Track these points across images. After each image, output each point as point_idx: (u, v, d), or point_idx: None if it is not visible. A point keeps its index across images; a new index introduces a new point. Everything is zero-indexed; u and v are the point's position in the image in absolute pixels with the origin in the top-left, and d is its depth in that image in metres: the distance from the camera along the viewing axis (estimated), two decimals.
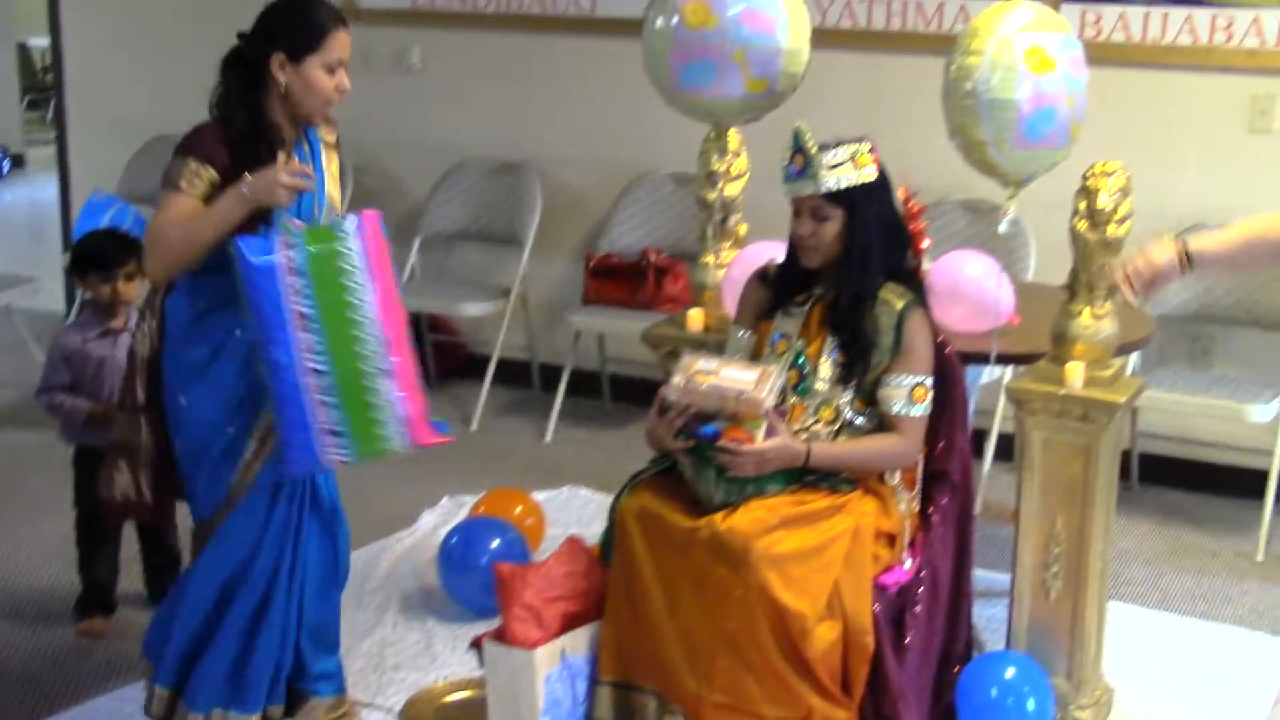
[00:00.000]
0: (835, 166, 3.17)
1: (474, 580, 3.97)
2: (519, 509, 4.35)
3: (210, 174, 3.04)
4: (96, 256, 3.93)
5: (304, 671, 3.33)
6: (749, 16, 3.63)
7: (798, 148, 3.19)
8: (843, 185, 3.17)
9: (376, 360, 3.05)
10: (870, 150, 3.21)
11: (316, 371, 3.00)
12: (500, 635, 3.17)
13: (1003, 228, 3.46)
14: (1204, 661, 3.92)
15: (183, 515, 3.47)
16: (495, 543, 4.01)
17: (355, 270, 3.03)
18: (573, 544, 3.31)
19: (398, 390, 3.08)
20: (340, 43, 3.13)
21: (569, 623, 3.19)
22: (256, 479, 3.16)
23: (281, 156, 3.07)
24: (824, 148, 3.18)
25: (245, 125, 3.08)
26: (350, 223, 3.05)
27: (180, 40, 6.59)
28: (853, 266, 3.21)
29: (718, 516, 3.05)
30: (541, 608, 3.15)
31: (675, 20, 3.67)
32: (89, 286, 3.95)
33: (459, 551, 4.04)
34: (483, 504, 4.37)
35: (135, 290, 3.90)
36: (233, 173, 3.02)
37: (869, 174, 3.20)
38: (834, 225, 3.20)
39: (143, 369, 3.22)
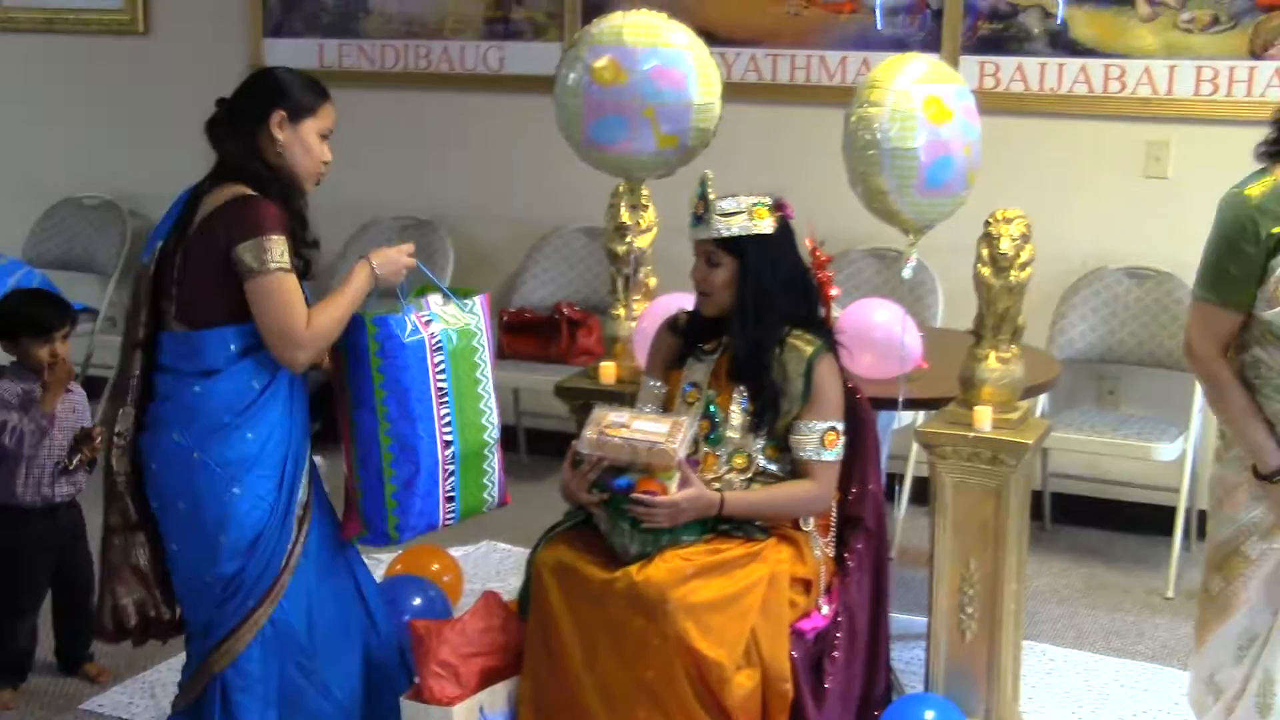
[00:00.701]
0: (729, 215, 3.23)
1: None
2: (436, 565, 4.33)
3: (282, 240, 3.00)
4: (32, 318, 3.82)
5: None
6: (659, 73, 3.64)
7: (701, 195, 3.26)
8: (734, 233, 3.22)
9: (493, 430, 3.27)
10: (772, 205, 3.26)
11: (447, 444, 3.16)
12: (418, 693, 3.14)
13: (906, 273, 3.51)
14: (1118, 698, 3.97)
15: None
16: (416, 600, 3.98)
17: (482, 348, 3.23)
18: (489, 599, 3.30)
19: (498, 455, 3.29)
20: (331, 114, 3.18)
21: (487, 678, 3.18)
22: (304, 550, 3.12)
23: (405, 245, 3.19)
24: (724, 197, 3.23)
25: (277, 191, 3.05)
26: (478, 302, 3.25)
27: (84, 103, 6.56)
28: (746, 315, 3.25)
29: (634, 568, 3.06)
30: (458, 664, 3.13)
31: (586, 77, 3.68)
32: (20, 349, 3.81)
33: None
34: (399, 561, 4.34)
35: (68, 350, 3.83)
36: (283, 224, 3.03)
37: (764, 226, 3.24)
38: (724, 272, 3.25)
39: (127, 482, 3.11)
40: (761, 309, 3.24)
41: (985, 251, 3.41)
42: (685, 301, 3.51)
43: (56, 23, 6.59)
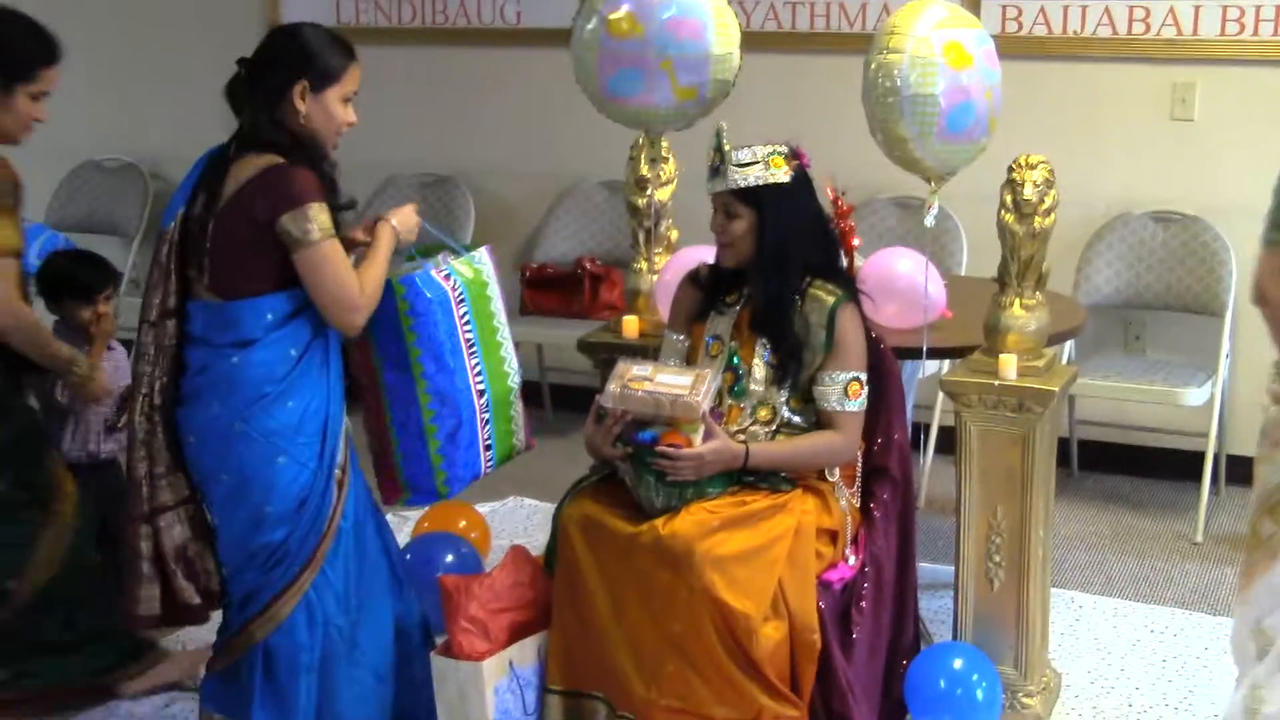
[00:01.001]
0: (745, 165, 3.20)
1: (429, 596, 3.95)
2: (463, 522, 4.34)
3: (326, 208, 3.00)
4: (76, 280, 3.84)
5: None
6: (675, 24, 3.60)
7: (716, 146, 3.24)
8: (751, 184, 3.20)
9: (515, 376, 3.35)
10: (787, 154, 3.23)
11: (480, 392, 3.23)
12: (447, 649, 3.16)
13: (928, 221, 3.48)
14: (1148, 644, 3.96)
15: None
16: (449, 557, 3.99)
17: (495, 296, 3.29)
18: (517, 554, 3.30)
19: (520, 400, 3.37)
20: (355, 76, 3.14)
21: (516, 633, 3.18)
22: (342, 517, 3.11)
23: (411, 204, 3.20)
24: (739, 148, 3.21)
25: (304, 157, 3.03)
26: (484, 253, 3.31)
27: (102, 65, 6.54)
28: (766, 266, 3.23)
29: (659, 521, 3.06)
30: (487, 619, 3.14)
31: (602, 29, 3.64)
32: (65, 311, 3.83)
33: (414, 568, 4.01)
34: (426, 518, 4.35)
35: (112, 311, 3.83)
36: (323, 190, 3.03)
37: (780, 175, 3.21)
38: (742, 223, 3.23)
39: (167, 460, 3.09)
40: (781, 258, 3.22)
41: (1008, 198, 3.38)
42: (707, 254, 3.49)
43: None
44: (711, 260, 3.41)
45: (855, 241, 3.77)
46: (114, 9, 6.50)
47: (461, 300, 3.18)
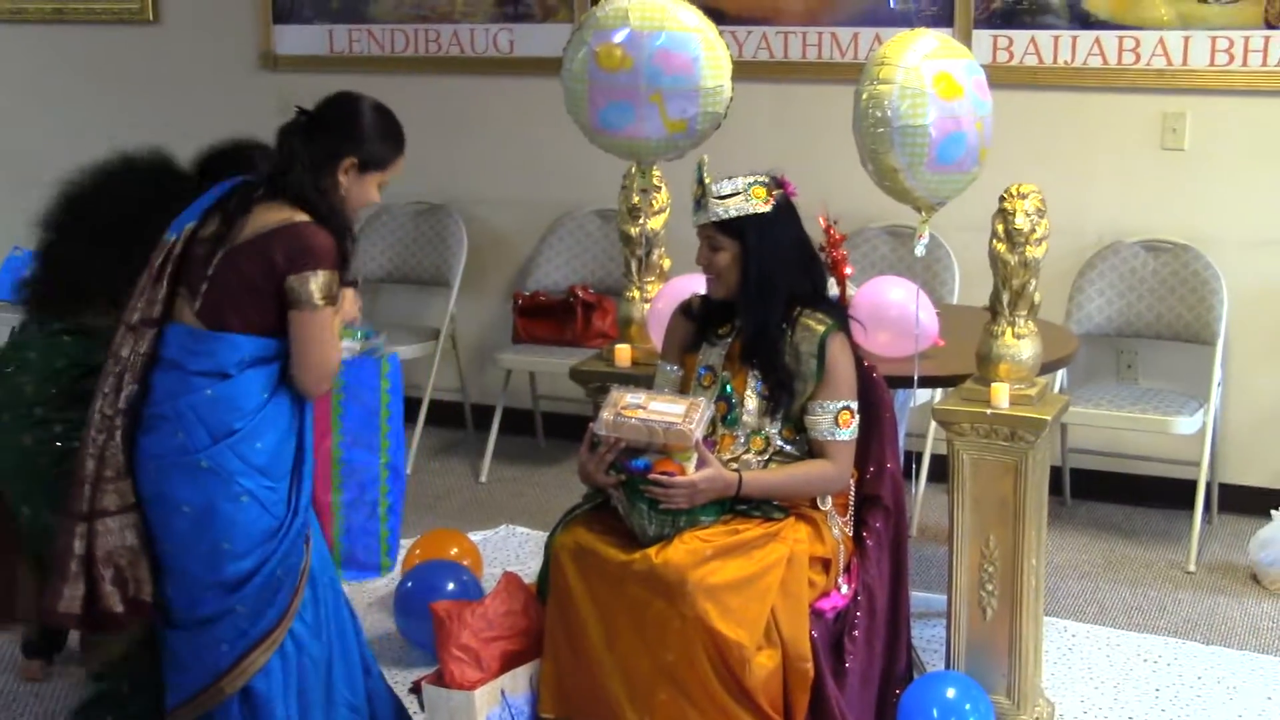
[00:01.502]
0: (726, 197, 3.22)
1: (427, 623, 3.94)
2: (455, 550, 4.33)
3: (336, 277, 3.02)
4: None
5: None
6: (665, 57, 3.59)
7: (699, 179, 3.26)
8: (731, 215, 3.21)
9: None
10: (769, 183, 3.24)
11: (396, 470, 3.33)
12: (439, 678, 3.14)
13: (919, 250, 3.49)
14: (1141, 674, 3.96)
15: None
16: (450, 585, 3.99)
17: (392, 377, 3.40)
18: (510, 581, 3.30)
19: None
20: (399, 166, 3.20)
21: (508, 662, 3.17)
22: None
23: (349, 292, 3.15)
24: (720, 179, 3.23)
25: (332, 226, 3.03)
26: (382, 336, 3.40)
27: (95, 93, 6.55)
28: (751, 296, 3.24)
29: (652, 550, 3.05)
30: (479, 648, 3.13)
31: (591, 61, 3.64)
32: None
33: (413, 595, 4.01)
34: (419, 546, 4.34)
35: None
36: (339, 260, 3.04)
37: (761, 206, 3.22)
38: (726, 255, 3.24)
39: (118, 464, 3.02)
40: (765, 288, 3.23)
41: (1000, 227, 3.39)
42: (699, 283, 3.49)
43: (66, 13, 6.58)
44: (703, 289, 3.42)
45: (847, 270, 3.78)
46: (107, 41, 6.50)
47: (389, 375, 3.30)
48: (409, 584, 4.05)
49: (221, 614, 3.00)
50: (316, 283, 2.95)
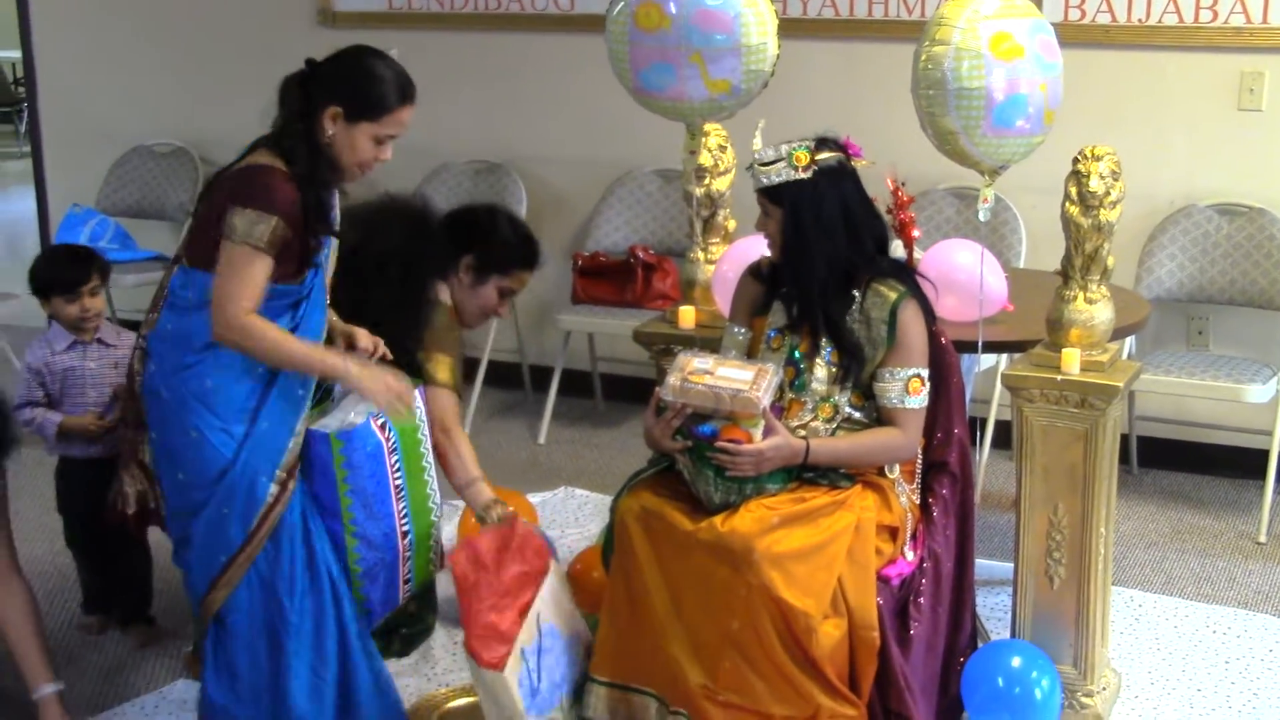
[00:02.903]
0: (768, 164, 3.17)
1: None
2: (510, 508, 4.30)
3: (284, 229, 2.98)
4: (57, 277, 3.83)
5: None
6: (703, 17, 3.53)
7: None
8: (774, 182, 3.17)
9: (438, 508, 3.35)
10: (815, 147, 3.17)
11: (404, 534, 3.25)
12: (470, 647, 3.13)
13: (982, 215, 3.43)
14: (1210, 645, 3.89)
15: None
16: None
17: (425, 437, 3.30)
18: (518, 531, 3.28)
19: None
20: (399, 120, 3.11)
21: (522, 613, 3.17)
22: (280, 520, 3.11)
23: (403, 385, 3.12)
24: (769, 145, 3.19)
25: (305, 170, 3.02)
26: (416, 393, 3.26)
27: (153, 50, 6.56)
28: (788, 262, 3.21)
29: (718, 518, 3.03)
30: (498, 620, 3.11)
31: (630, 22, 3.59)
32: (53, 308, 3.84)
33: None
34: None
35: (101, 304, 3.86)
36: (296, 221, 3.00)
37: (802, 173, 3.16)
38: (773, 223, 3.21)
39: (135, 386, 3.17)
40: (800, 255, 3.18)
41: (1074, 190, 3.31)
42: (763, 246, 3.44)
43: None
44: (769, 251, 3.37)
45: (915, 233, 3.72)
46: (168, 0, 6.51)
47: (394, 449, 3.20)
48: None
49: (186, 539, 3.13)
50: (244, 218, 2.94)
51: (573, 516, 4.75)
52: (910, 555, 3.25)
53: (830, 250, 3.18)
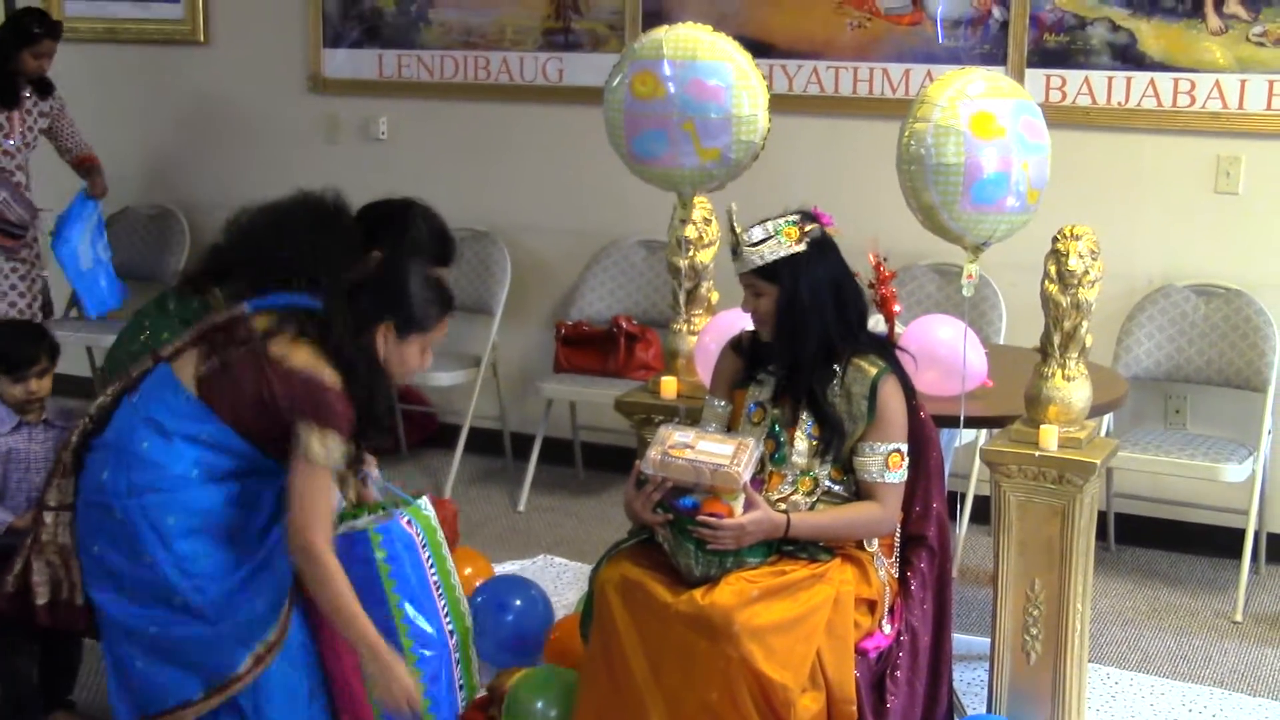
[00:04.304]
0: (758, 244, 3.19)
1: (492, 637, 3.98)
2: (468, 570, 4.30)
3: (344, 446, 2.97)
4: (4, 355, 3.63)
5: None
6: (697, 86, 3.61)
7: (730, 228, 3.24)
8: (768, 260, 3.18)
9: (467, 615, 3.26)
10: (799, 220, 3.21)
11: (450, 633, 3.18)
12: None
13: (966, 291, 3.47)
14: None
15: None
16: (518, 601, 4.01)
17: (441, 539, 3.24)
18: None
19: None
20: (444, 327, 3.15)
21: None
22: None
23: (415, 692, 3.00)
24: (752, 226, 3.20)
25: (365, 393, 3.00)
26: (426, 500, 3.25)
27: (142, 113, 6.60)
28: (783, 336, 3.22)
29: (698, 591, 3.03)
30: None
31: (626, 91, 3.67)
32: None
33: (484, 609, 4.02)
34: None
35: (48, 387, 3.68)
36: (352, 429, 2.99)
37: (796, 247, 3.19)
38: (768, 300, 3.22)
39: (74, 464, 3.07)
40: (797, 327, 3.21)
41: (1053, 268, 3.37)
42: (746, 319, 3.47)
43: (118, 32, 6.63)
44: (750, 324, 3.40)
45: (896, 308, 3.75)
46: (157, 61, 6.55)
47: (424, 544, 3.17)
48: (478, 599, 4.05)
49: (120, 656, 3.03)
50: (322, 442, 2.92)
51: (551, 585, 4.74)
52: (888, 629, 3.25)
53: (821, 323, 3.21)
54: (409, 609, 3.10)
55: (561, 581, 4.76)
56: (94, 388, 6.39)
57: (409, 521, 3.15)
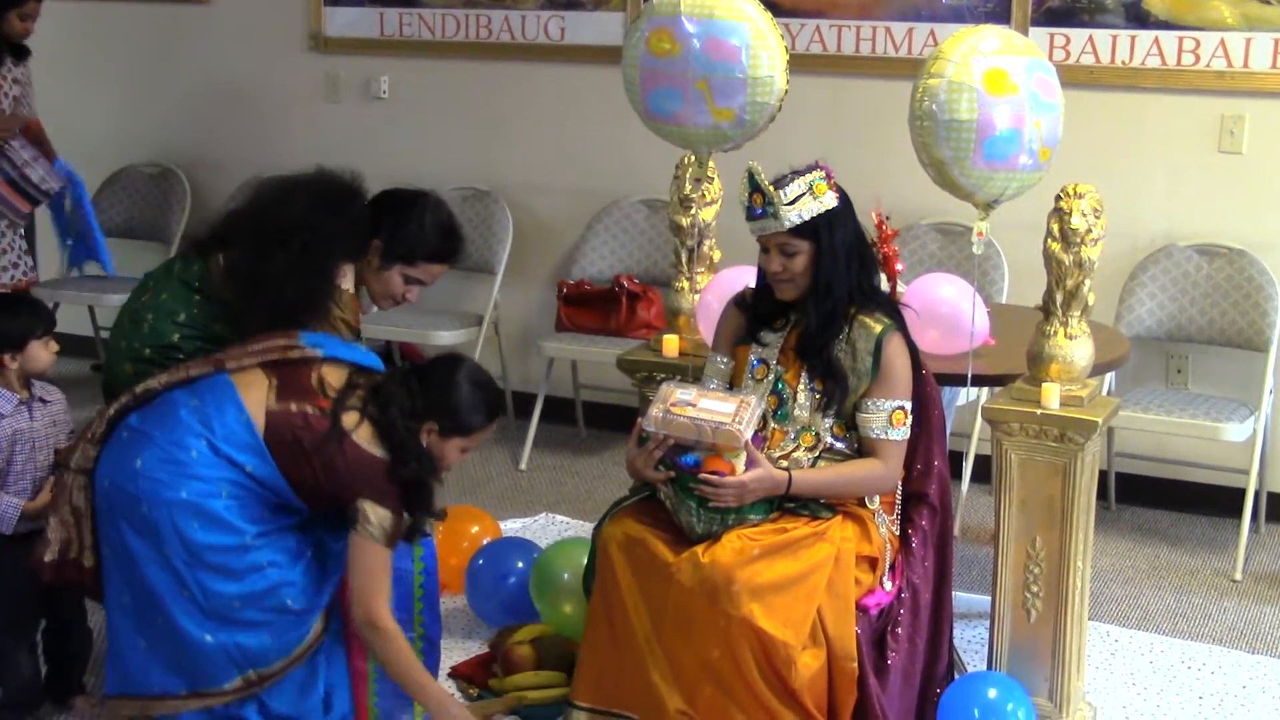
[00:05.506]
0: (795, 201, 3.16)
1: (494, 599, 4.05)
2: (475, 528, 4.33)
3: (398, 523, 3.04)
4: (38, 321, 3.51)
5: None
6: (711, 45, 3.58)
7: (755, 187, 3.19)
8: (805, 218, 3.17)
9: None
10: (825, 177, 3.21)
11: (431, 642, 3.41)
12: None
13: (976, 249, 3.46)
14: (1184, 681, 3.91)
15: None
16: (519, 563, 4.03)
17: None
18: None
19: None
20: (487, 433, 3.21)
21: None
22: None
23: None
24: (780, 183, 3.17)
25: (414, 477, 3.06)
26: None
27: (143, 72, 6.58)
28: (819, 292, 3.21)
29: (699, 549, 3.04)
30: None
31: (642, 48, 3.65)
32: (26, 357, 3.47)
33: (483, 571, 4.08)
34: (441, 527, 4.29)
35: (51, 357, 3.55)
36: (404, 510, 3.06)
37: (829, 201, 3.19)
38: (803, 258, 3.20)
39: (105, 434, 3.08)
40: (831, 283, 3.20)
41: (1056, 226, 3.36)
42: (749, 276, 3.47)
43: None
44: (753, 281, 3.40)
45: (898, 266, 3.75)
46: (158, 20, 6.52)
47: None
48: (480, 561, 4.08)
49: (120, 624, 3.07)
50: (381, 518, 3.00)
51: (552, 542, 4.75)
52: (889, 586, 3.27)
53: (849, 279, 3.21)
54: (427, 615, 3.31)
55: (564, 539, 4.77)
56: (96, 348, 6.41)
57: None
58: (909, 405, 3.24)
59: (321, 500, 3.04)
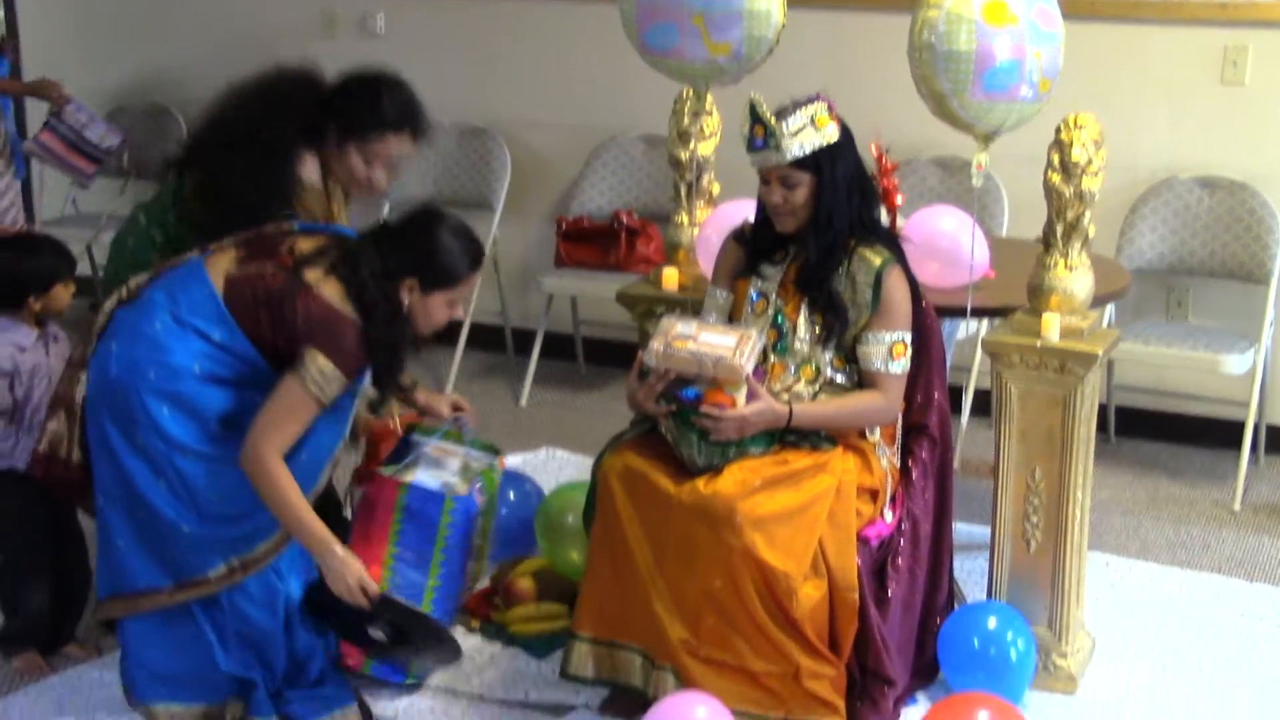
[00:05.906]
0: (797, 133, 3.15)
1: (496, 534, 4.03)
2: None
3: (342, 383, 2.97)
4: (63, 262, 3.59)
5: None
6: None
7: (756, 119, 3.17)
8: (808, 150, 3.15)
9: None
10: (828, 108, 3.19)
11: (466, 590, 3.50)
12: None
13: (976, 181, 3.45)
14: (1183, 610, 3.94)
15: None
16: (511, 494, 4.03)
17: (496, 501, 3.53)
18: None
19: None
20: (472, 283, 3.13)
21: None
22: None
23: (371, 586, 3.03)
24: (782, 115, 3.15)
25: (383, 336, 3.00)
26: (498, 460, 3.50)
27: (136, 6, 6.52)
28: (820, 225, 3.19)
29: (700, 481, 3.06)
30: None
31: None
32: (49, 299, 3.55)
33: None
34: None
35: (70, 298, 3.62)
36: (355, 376, 3.01)
37: (831, 133, 3.17)
38: (804, 190, 3.19)
39: (104, 328, 3.10)
40: (832, 215, 3.19)
41: (1056, 158, 3.34)
42: (749, 209, 3.46)
43: None
44: (752, 215, 3.39)
45: (898, 199, 3.74)
46: None
47: (485, 511, 3.42)
48: None
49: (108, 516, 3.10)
50: (320, 369, 2.92)
51: (553, 478, 4.76)
52: (889, 517, 3.28)
53: (850, 212, 3.20)
54: (444, 569, 3.32)
55: (564, 474, 4.79)
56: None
57: (480, 489, 3.34)
58: (909, 338, 3.24)
59: (287, 361, 2.98)
